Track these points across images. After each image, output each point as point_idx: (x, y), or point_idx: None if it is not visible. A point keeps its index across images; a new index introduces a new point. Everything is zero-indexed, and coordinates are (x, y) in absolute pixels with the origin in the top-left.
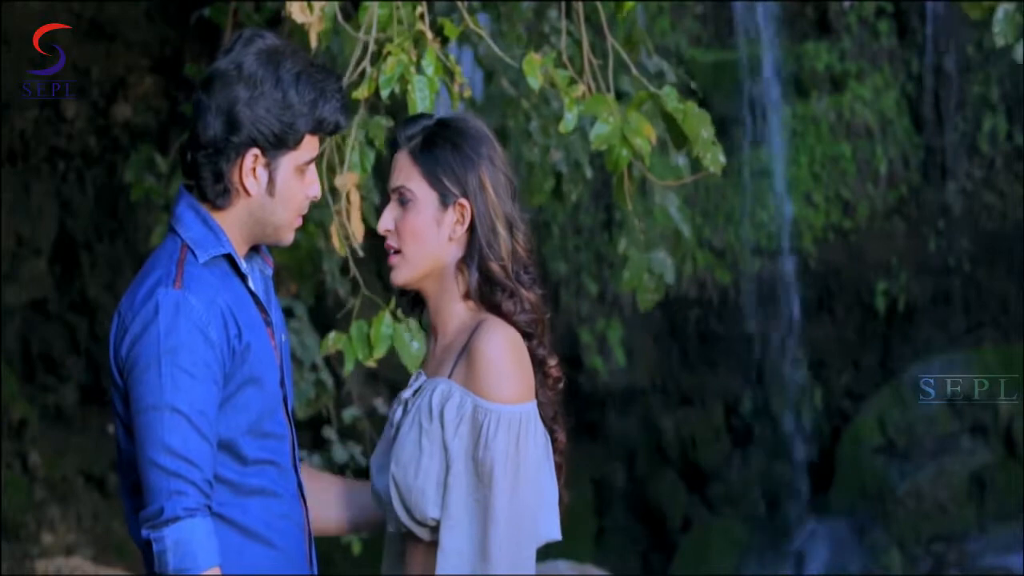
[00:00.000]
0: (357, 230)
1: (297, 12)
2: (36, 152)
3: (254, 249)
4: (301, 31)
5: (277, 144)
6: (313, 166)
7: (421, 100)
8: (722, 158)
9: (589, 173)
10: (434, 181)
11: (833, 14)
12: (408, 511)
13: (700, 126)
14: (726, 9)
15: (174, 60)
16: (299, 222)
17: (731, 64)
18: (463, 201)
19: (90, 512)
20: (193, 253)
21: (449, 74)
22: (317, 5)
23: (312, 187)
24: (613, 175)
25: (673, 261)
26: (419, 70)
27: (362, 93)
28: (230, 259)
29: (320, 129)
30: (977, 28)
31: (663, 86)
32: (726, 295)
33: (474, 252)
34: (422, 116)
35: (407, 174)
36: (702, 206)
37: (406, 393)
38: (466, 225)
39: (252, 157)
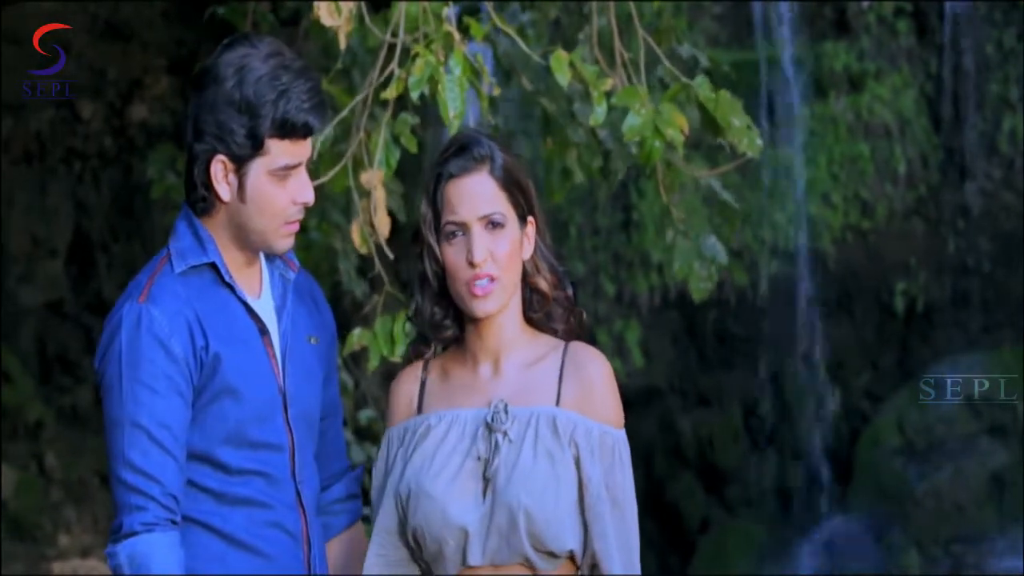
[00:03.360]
0: (383, 227)
1: (325, 15)
2: (52, 153)
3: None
4: (319, 32)
5: (239, 148)
6: (301, 172)
7: (452, 101)
8: (760, 141)
9: (634, 149)
10: (515, 201)
11: (851, 14)
12: (537, 543)
13: (732, 113)
14: (744, 9)
15: (190, 61)
16: (290, 228)
17: (749, 64)
18: (531, 218)
19: (106, 514)
20: (172, 264)
21: (476, 73)
22: (345, 7)
23: (301, 193)
24: (646, 167)
25: (724, 244)
26: (447, 71)
27: (391, 94)
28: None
29: (285, 132)
30: (996, 27)
31: (696, 76)
32: (744, 296)
33: (543, 271)
34: (475, 133)
35: (496, 198)
36: (719, 206)
37: (503, 424)
38: (533, 241)
39: (219, 163)
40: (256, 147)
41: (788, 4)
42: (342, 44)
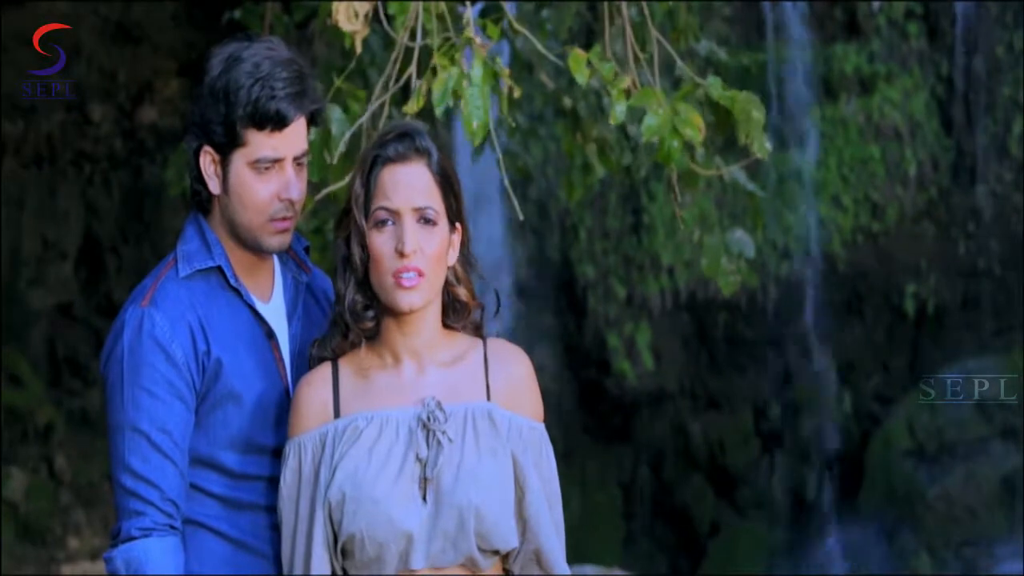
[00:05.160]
0: None
1: (344, 19)
2: (62, 155)
3: (288, 254)
4: (335, 33)
5: (218, 138)
6: (286, 167)
7: (474, 111)
8: (768, 145)
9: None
10: (448, 203)
11: (862, 16)
12: (484, 542)
13: (751, 107)
14: (754, 11)
15: (200, 63)
16: (279, 226)
17: (759, 66)
18: (459, 226)
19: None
20: (177, 267)
21: (496, 76)
22: (361, 10)
23: (285, 189)
24: (666, 168)
25: (752, 237)
26: (469, 81)
27: (412, 108)
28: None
29: (257, 121)
30: (1007, 29)
31: (709, 75)
32: (754, 298)
33: (463, 281)
34: (416, 125)
35: (431, 193)
36: (730, 208)
37: (441, 423)
38: (458, 250)
39: (205, 155)
40: (232, 136)
41: (799, 6)
42: (358, 48)
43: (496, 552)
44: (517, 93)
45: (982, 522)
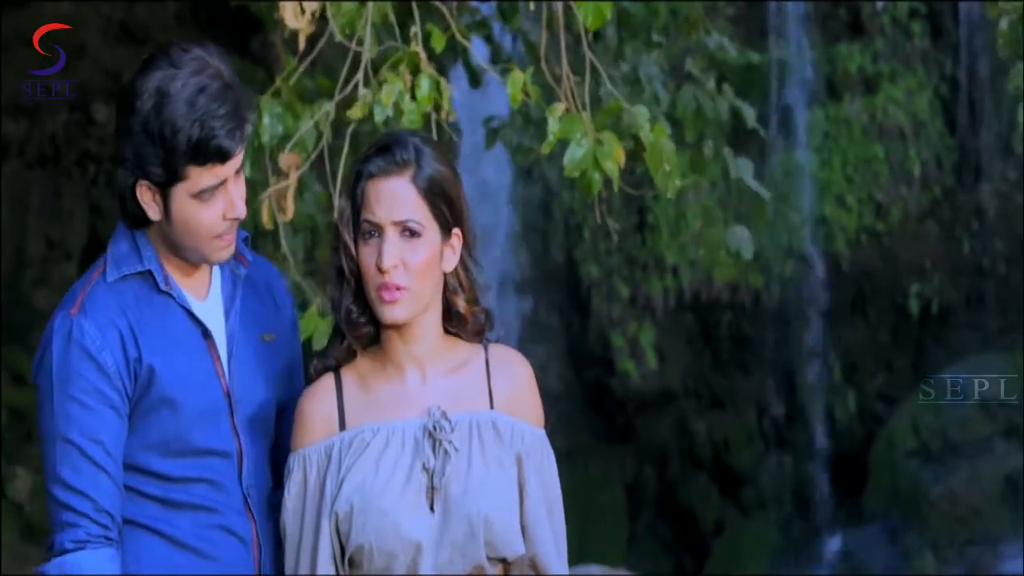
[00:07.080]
0: (289, 208)
1: (290, 16)
2: (67, 156)
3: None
4: (344, 31)
5: (156, 177)
6: (228, 188)
7: (410, 128)
8: (678, 182)
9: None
10: (437, 212)
11: (866, 15)
12: (493, 550)
13: (662, 158)
14: (758, 11)
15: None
16: (225, 242)
17: (763, 66)
18: (458, 231)
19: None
20: (106, 273)
21: (440, 93)
22: (308, 9)
23: (230, 210)
24: (588, 196)
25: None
26: (413, 97)
27: (356, 114)
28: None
29: (199, 160)
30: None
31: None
32: (758, 298)
33: (470, 282)
34: (404, 135)
35: (414, 205)
36: (734, 208)
37: (447, 433)
38: (458, 254)
39: (143, 187)
40: (172, 175)
41: (803, 6)
42: (301, 45)
43: (503, 560)
44: (452, 117)
45: (986, 521)
